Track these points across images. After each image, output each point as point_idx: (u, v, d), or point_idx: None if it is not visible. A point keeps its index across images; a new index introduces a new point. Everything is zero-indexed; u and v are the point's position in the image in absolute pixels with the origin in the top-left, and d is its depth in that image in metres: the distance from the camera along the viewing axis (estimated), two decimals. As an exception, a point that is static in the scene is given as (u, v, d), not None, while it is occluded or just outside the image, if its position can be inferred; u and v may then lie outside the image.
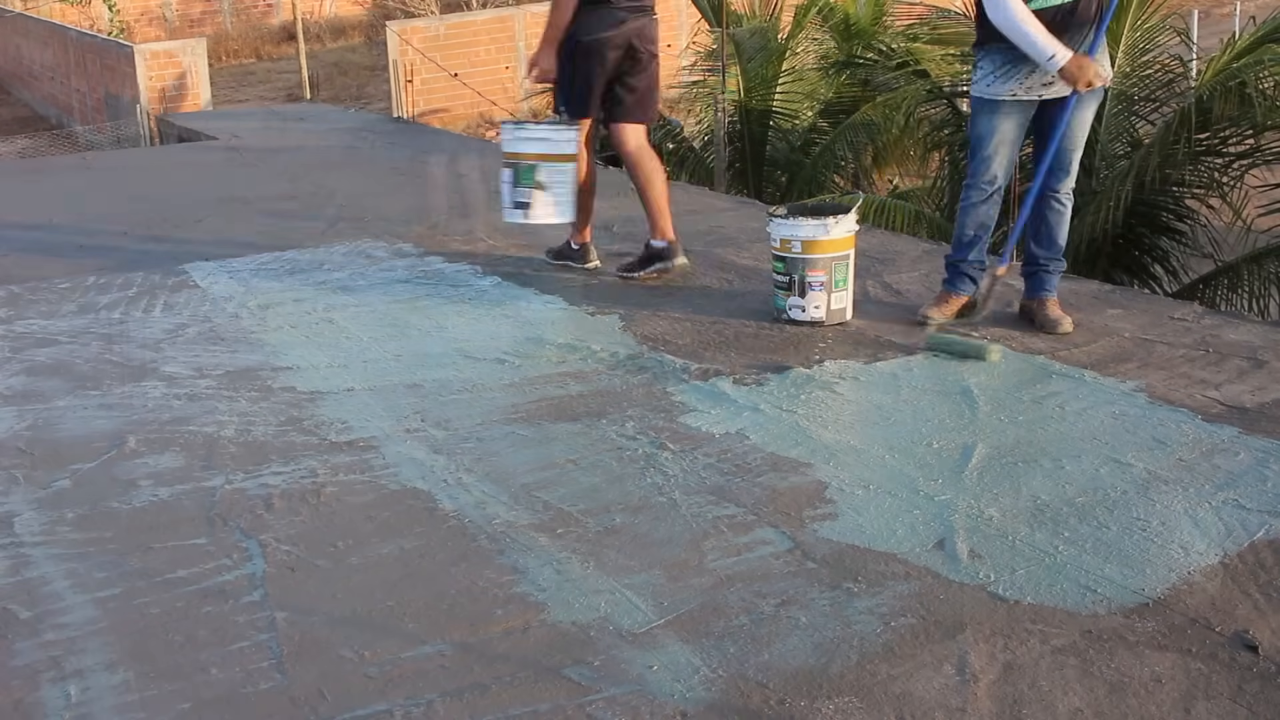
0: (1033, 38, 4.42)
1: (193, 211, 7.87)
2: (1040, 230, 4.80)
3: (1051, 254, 4.80)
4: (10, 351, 5.05)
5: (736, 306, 5.22)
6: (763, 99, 11.52)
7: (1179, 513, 3.28)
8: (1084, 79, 4.46)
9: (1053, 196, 4.73)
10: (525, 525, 3.36)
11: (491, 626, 2.88)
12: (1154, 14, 8.77)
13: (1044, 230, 4.79)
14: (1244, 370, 4.25)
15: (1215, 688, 2.55)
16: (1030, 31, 4.42)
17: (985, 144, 4.68)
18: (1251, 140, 8.12)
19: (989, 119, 4.66)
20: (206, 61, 17.53)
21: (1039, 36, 4.42)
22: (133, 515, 3.53)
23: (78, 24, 23.97)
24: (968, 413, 4.00)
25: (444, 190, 8.23)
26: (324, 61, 24.13)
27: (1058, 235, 4.79)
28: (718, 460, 3.72)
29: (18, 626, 2.96)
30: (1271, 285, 7.89)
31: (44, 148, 16.99)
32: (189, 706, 2.63)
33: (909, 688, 2.58)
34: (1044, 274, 4.81)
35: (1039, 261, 4.81)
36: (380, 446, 3.93)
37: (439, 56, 17.97)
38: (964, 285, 4.89)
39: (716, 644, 2.77)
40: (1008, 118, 4.64)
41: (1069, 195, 4.75)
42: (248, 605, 3.02)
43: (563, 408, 4.19)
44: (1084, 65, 4.44)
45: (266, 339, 5.07)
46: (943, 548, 3.15)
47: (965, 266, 4.87)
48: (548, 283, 5.71)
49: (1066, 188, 4.73)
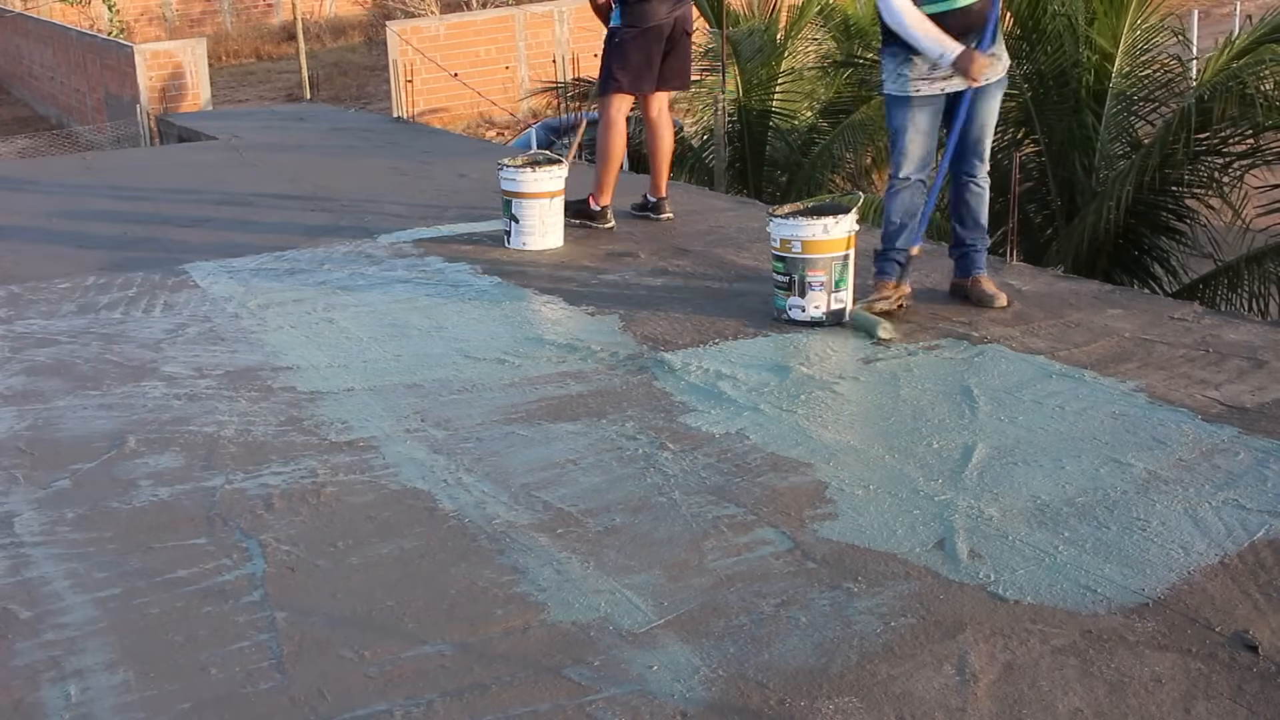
0: (922, 38, 4.73)
1: (193, 211, 7.87)
2: (963, 213, 5.08)
3: (977, 234, 5.08)
4: (10, 351, 5.05)
5: (736, 306, 5.22)
6: (762, 99, 11.51)
7: (1179, 513, 3.28)
8: (975, 72, 4.75)
9: (970, 181, 5.03)
10: (525, 525, 3.36)
11: (491, 626, 2.88)
12: (1153, 14, 8.76)
13: (966, 212, 5.07)
14: (1244, 370, 4.25)
15: (1215, 688, 2.55)
16: (920, 33, 4.73)
17: (901, 138, 4.94)
18: (1251, 140, 8.12)
19: (901, 114, 4.91)
20: (206, 61, 17.53)
21: (928, 36, 4.72)
22: (133, 515, 3.53)
23: (78, 24, 23.98)
24: (968, 413, 4.00)
25: (444, 190, 8.23)
26: (324, 61, 24.14)
27: (980, 216, 5.07)
28: (718, 460, 3.72)
29: (18, 626, 2.96)
30: (1271, 285, 7.89)
31: (44, 148, 16.99)
32: (189, 706, 2.63)
33: (909, 688, 2.59)
34: (973, 253, 5.10)
35: (966, 242, 5.10)
36: (380, 446, 3.93)
37: (439, 56, 17.98)
38: (892, 270, 5.09)
39: (716, 644, 2.77)
40: (919, 111, 4.89)
41: (985, 178, 5.05)
42: (248, 605, 3.02)
43: (563, 408, 4.19)
44: (974, 59, 4.73)
45: (266, 339, 5.07)
46: (943, 548, 3.15)
47: (894, 254, 5.07)
48: (548, 283, 5.72)
49: (982, 172, 5.03)
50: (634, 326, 5.01)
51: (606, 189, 6.60)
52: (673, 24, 6.41)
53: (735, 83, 11.40)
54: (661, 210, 6.84)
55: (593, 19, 6.77)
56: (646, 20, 6.34)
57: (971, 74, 4.75)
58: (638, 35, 6.36)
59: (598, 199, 6.61)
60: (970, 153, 4.98)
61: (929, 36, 4.71)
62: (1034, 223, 9.00)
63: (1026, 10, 8.60)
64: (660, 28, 6.36)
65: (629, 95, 6.49)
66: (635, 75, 6.42)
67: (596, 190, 6.61)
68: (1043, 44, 8.66)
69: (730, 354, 4.65)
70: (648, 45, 6.38)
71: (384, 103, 18.51)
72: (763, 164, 11.67)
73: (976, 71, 4.75)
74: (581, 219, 6.60)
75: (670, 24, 6.39)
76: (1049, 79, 8.67)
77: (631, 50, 6.39)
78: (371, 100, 20.73)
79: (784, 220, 4.88)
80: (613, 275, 5.79)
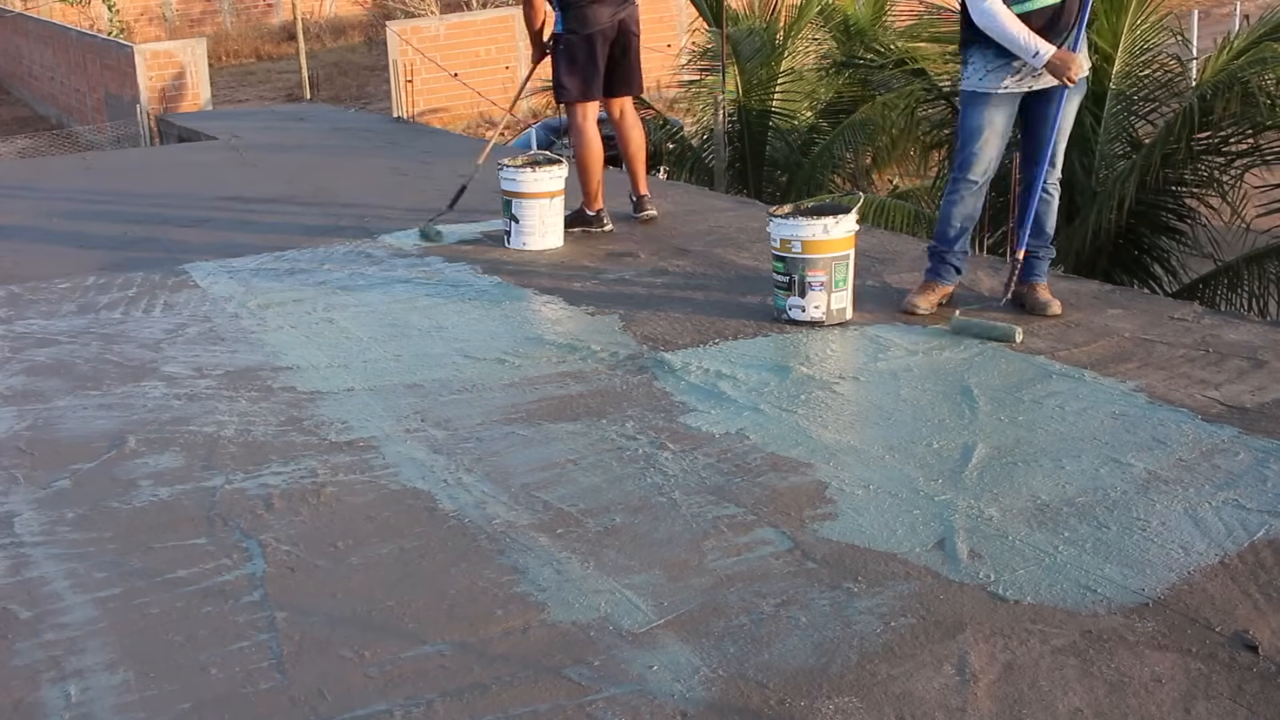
0: (1016, 36, 4.65)
1: (193, 211, 7.87)
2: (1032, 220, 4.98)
3: (1041, 242, 4.98)
4: (10, 351, 5.05)
5: (736, 306, 5.22)
6: (761, 99, 11.52)
7: (1179, 513, 3.28)
8: (1069, 72, 4.66)
9: (1042, 188, 4.90)
10: (525, 525, 3.36)
11: (491, 626, 2.88)
12: (1153, 14, 8.76)
13: (1035, 220, 4.96)
14: (1244, 370, 4.25)
15: (1215, 688, 2.55)
16: (1013, 31, 4.65)
17: (976, 138, 4.84)
18: (1251, 140, 8.12)
19: (981, 112, 4.82)
20: (206, 61, 17.53)
21: (1021, 35, 4.64)
22: (133, 515, 3.53)
23: (78, 24, 23.97)
24: (968, 413, 4.00)
25: (444, 190, 8.22)
26: (324, 61, 24.14)
27: (1046, 224, 4.98)
28: (718, 460, 3.72)
29: (18, 626, 2.96)
30: (1271, 285, 7.90)
31: (44, 148, 16.99)
32: (189, 706, 2.63)
33: (909, 688, 2.59)
34: (1035, 260, 4.99)
35: (1030, 250, 4.99)
36: (380, 446, 3.93)
37: (439, 56, 17.98)
38: (949, 275, 5.05)
39: (716, 644, 2.77)
40: (998, 110, 4.82)
41: (1056, 186, 4.95)
42: (248, 605, 3.02)
43: (563, 408, 4.19)
44: (1068, 59, 4.64)
45: (266, 339, 5.07)
46: (943, 548, 3.15)
47: (950, 257, 5.03)
48: (548, 283, 5.72)
49: (1054, 179, 4.93)
50: (634, 326, 5.01)
51: (595, 195, 6.60)
52: (617, 27, 6.36)
53: (735, 83, 11.40)
54: (642, 208, 6.81)
55: None
56: (588, 25, 6.29)
57: (1070, 74, 4.65)
58: (580, 40, 6.31)
59: (590, 205, 6.63)
60: (1050, 156, 4.84)
61: (1023, 35, 4.62)
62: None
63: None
64: (604, 32, 6.32)
65: (587, 102, 6.45)
66: (583, 80, 6.37)
67: (586, 198, 6.63)
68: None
69: (730, 354, 4.65)
70: (592, 50, 6.32)
71: (384, 103, 18.51)
72: (763, 164, 11.68)
73: (1075, 71, 4.65)
74: (581, 226, 6.61)
75: (614, 28, 6.35)
76: (1049, 79, 8.66)
77: (576, 55, 6.34)
78: (371, 100, 20.73)
79: (784, 220, 4.87)
80: (613, 275, 5.79)
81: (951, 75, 10.01)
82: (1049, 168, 4.84)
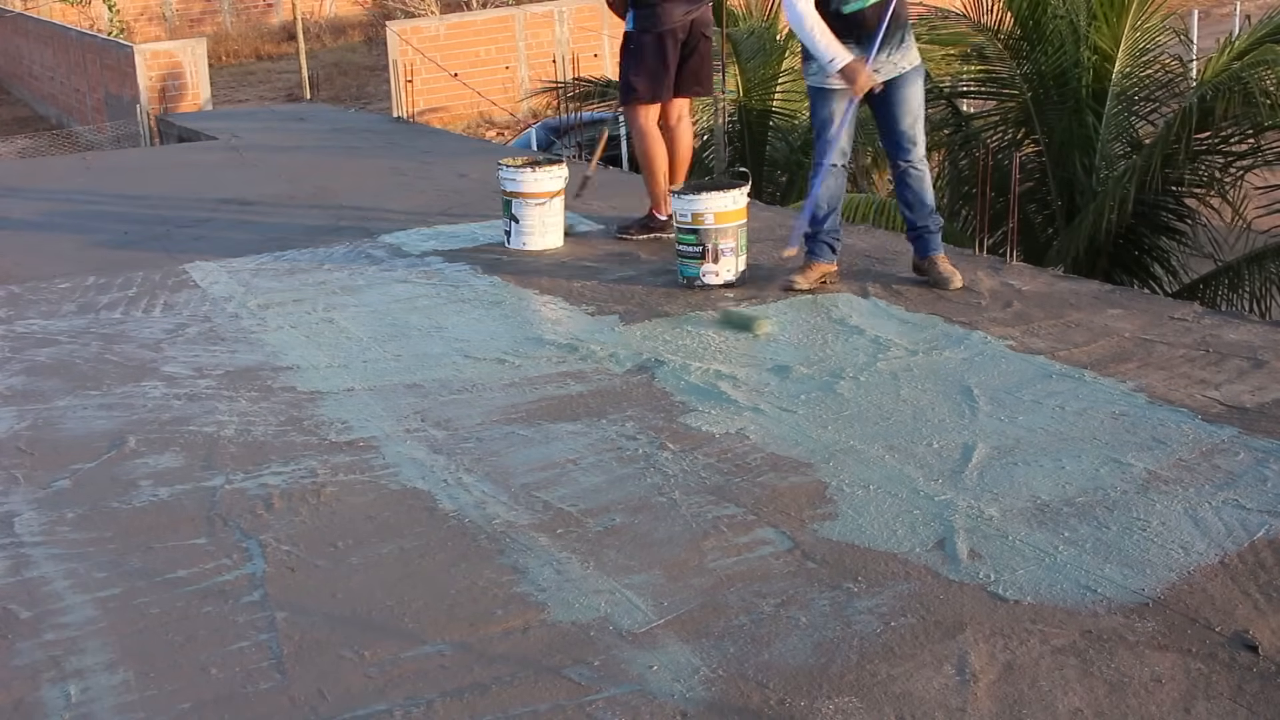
0: (816, 43, 4.94)
1: (193, 211, 7.86)
2: (909, 198, 5.23)
3: (925, 215, 5.22)
4: (10, 351, 5.06)
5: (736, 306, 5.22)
6: (762, 99, 11.51)
7: (1179, 513, 3.28)
8: (854, 85, 4.95)
9: (908, 166, 5.19)
10: (525, 525, 3.36)
11: (491, 626, 2.88)
12: (1154, 14, 8.76)
13: (912, 197, 5.22)
14: (1244, 370, 4.25)
15: (1215, 688, 2.55)
16: (814, 38, 4.93)
17: (827, 127, 5.15)
18: (1252, 140, 8.12)
19: (826, 105, 5.14)
20: (206, 61, 17.54)
21: (821, 42, 4.92)
22: (133, 515, 3.53)
23: (78, 24, 23.98)
24: (968, 413, 4.00)
25: (444, 190, 8.23)
26: (324, 61, 24.15)
27: (925, 197, 5.22)
28: (718, 460, 3.72)
29: (18, 626, 2.97)
30: (1271, 285, 7.90)
31: (44, 148, 17.00)
32: (189, 706, 2.63)
33: (909, 688, 2.59)
34: (926, 234, 5.24)
35: (917, 225, 5.26)
36: (380, 446, 3.93)
37: (439, 56, 17.99)
38: (824, 253, 5.35)
39: (716, 644, 2.77)
40: (840, 101, 5.09)
41: (923, 161, 5.22)
42: (248, 605, 3.02)
43: (563, 408, 4.19)
44: (855, 72, 4.92)
45: (266, 339, 5.07)
46: (943, 548, 3.15)
47: (823, 236, 5.32)
48: (548, 283, 5.72)
49: (917, 155, 5.18)
50: (634, 326, 5.01)
51: (663, 198, 6.29)
52: (689, 26, 6.22)
53: (735, 83, 11.40)
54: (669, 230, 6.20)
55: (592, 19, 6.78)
56: (661, 24, 6.15)
57: (856, 86, 4.94)
58: (653, 40, 6.17)
59: (660, 209, 6.34)
60: (904, 140, 5.13)
61: (822, 42, 4.90)
62: (1034, 223, 9.01)
63: (1027, 11, 8.61)
64: (675, 31, 6.18)
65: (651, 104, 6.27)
66: (653, 81, 6.21)
67: (654, 202, 6.39)
68: (1043, 44, 8.66)
69: (730, 354, 4.65)
70: (663, 50, 6.18)
71: (384, 103, 18.52)
72: (763, 164, 11.67)
73: (860, 86, 4.94)
74: (649, 233, 6.40)
75: (687, 26, 6.21)
76: (1049, 79, 8.68)
77: (647, 55, 6.20)
78: (371, 100, 20.74)
79: (694, 197, 5.36)
80: (613, 275, 5.79)
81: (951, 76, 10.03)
82: (910, 147, 5.14)
